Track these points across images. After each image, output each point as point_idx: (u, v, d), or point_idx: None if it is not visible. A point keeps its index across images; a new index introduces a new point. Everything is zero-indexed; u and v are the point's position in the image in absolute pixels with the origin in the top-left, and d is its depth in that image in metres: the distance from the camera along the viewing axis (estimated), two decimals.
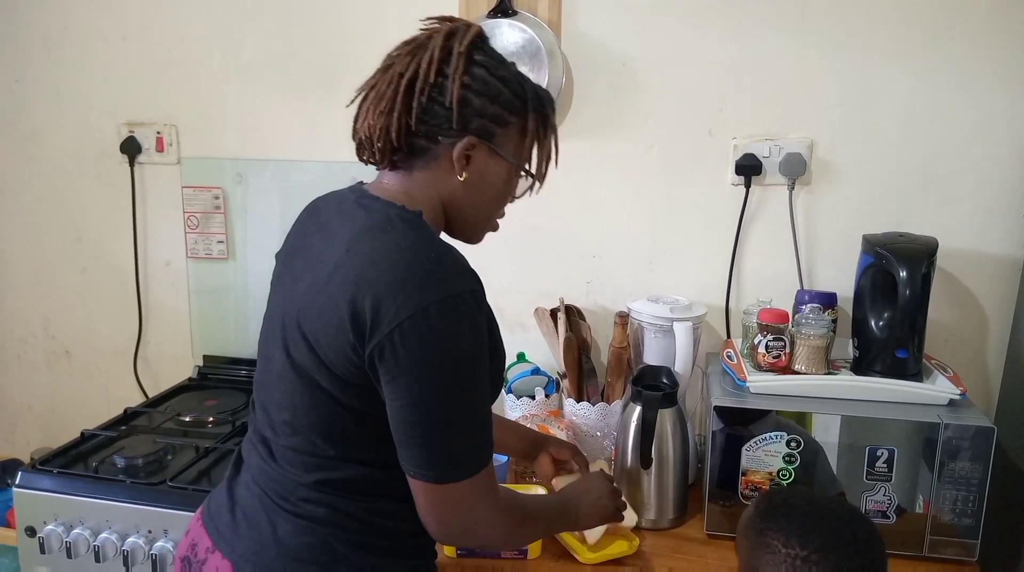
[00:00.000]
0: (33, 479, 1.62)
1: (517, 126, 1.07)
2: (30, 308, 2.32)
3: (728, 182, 1.80)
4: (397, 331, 0.90)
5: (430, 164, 1.04)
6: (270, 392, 1.07)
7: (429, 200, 1.05)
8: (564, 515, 1.24)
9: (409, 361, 0.91)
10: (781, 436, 1.43)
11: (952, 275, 1.72)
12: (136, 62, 2.09)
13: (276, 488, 1.06)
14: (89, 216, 2.22)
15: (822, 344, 1.51)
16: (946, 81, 1.66)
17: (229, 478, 1.16)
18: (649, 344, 1.71)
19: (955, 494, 1.39)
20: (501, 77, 1.04)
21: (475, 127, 1.02)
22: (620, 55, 1.80)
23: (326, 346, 0.96)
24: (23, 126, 2.20)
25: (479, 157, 1.04)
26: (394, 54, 1.05)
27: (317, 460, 1.02)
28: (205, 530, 1.11)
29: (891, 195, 1.73)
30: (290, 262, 1.08)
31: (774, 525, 1.04)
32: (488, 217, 1.14)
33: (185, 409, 1.94)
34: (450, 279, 0.93)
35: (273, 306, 1.10)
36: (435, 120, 1.01)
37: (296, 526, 1.03)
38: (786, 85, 1.73)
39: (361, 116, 1.05)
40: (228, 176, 2.09)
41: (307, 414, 1.02)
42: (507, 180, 1.09)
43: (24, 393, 2.39)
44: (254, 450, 1.11)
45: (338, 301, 0.94)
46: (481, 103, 1.02)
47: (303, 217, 1.16)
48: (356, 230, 1.00)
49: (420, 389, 0.92)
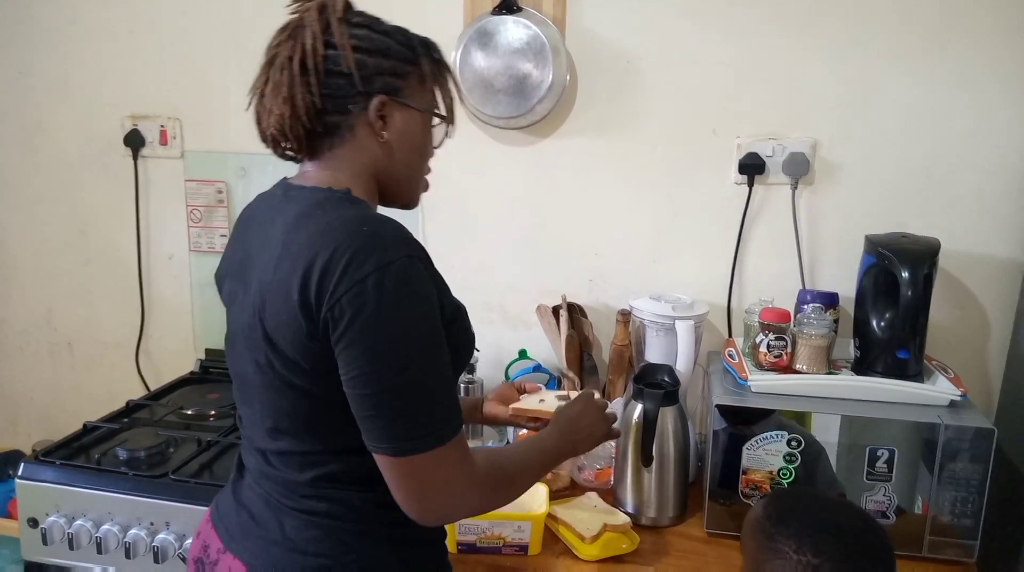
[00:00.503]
0: (36, 470, 1.62)
1: (415, 74, 1.07)
2: (33, 300, 2.32)
3: (731, 181, 1.80)
4: (337, 307, 0.90)
5: (347, 138, 1.04)
6: (251, 404, 1.08)
7: (356, 175, 1.06)
8: (558, 450, 1.20)
9: (352, 332, 0.91)
10: (782, 435, 1.43)
11: (954, 276, 1.72)
12: (141, 55, 2.10)
13: (278, 488, 1.06)
14: (93, 209, 2.23)
15: (823, 344, 1.52)
16: (949, 82, 1.66)
17: (234, 481, 1.17)
18: (651, 342, 1.71)
19: (955, 495, 1.39)
20: (383, 31, 1.05)
21: (379, 86, 1.03)
22: (625, 53, 1.80)
23: (287, 342, 0.96)
24: (28, 118, 2.21)
25: (392, 113, 1.05)
26: (274, 43, 1.05)
27: (309, 458, 1.02)
28: (216, 532, 1.12)
29: (894, 195, 1.73)
30: (239, 274, 1.07)
31: (785, 530, 1.02)
32: (418, 174, 1.15)
33: (187, 402, 1.95)
34: (386, 249, 0.92)
35: (233, 322, 1.09)
36: (339, 91, 1.02)
37: (302, 521, 1.04)
38: (790, 85, 1.73)
39: (264, 114, 1.05)
40: (231, 170, 2.09)
41: (289, 416, 1.02)
42: (424, 129, 1.11)
43: (26, 385, 2.40)
44: (251, 456, 1.12)
45: (285, 294, 0.94)
46: (376, 61, 1.02)
47: (238, 228, 1.15)
48: (288, 222, 1.00)
49: (365, 359, 0.91)
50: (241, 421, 1.14)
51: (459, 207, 1.97)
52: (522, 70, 1.78)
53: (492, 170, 1.93)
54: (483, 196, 1.95)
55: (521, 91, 1.78)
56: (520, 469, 1.10)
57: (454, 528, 1.41)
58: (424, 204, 1.95)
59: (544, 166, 1.90)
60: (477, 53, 1.79)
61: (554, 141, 1.88)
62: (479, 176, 1.94)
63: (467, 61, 1.80)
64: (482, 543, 1.42)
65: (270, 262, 0.98)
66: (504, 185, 1.93)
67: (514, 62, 1.78)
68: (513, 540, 1.42)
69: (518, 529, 1.41)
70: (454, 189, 1.96)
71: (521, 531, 1.41)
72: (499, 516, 1.41)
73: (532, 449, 1.16)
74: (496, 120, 1.84)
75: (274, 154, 1.09)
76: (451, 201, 1.97)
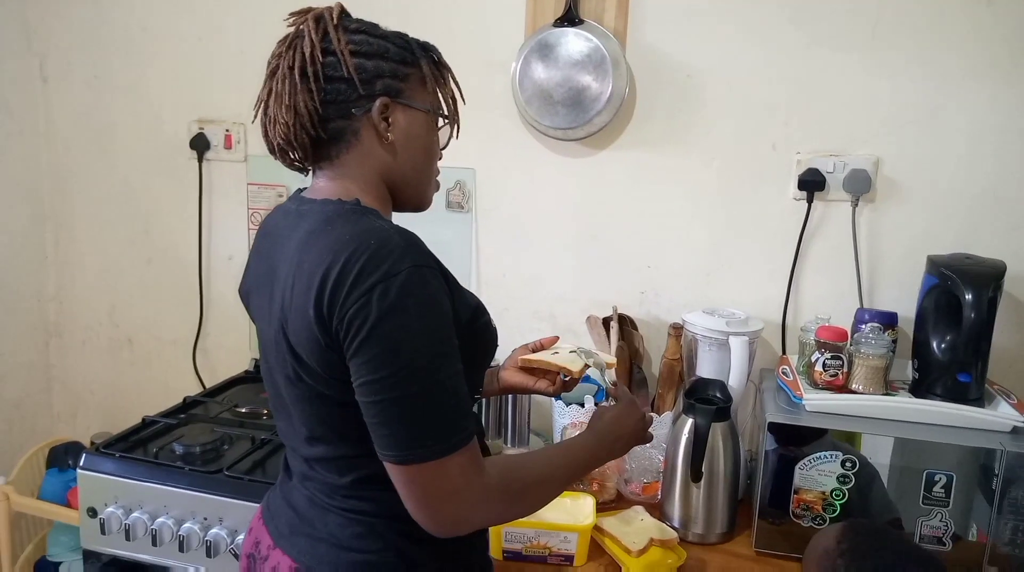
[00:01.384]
0: (96, 462, 1.67)
1: (416, 76, 1.08)
2: (97, 296, 2.40)
3: (790, 197, 1.78)
4: (346, 318, 0.92)
5: (352, 143, 1.06)
6: (287, 415, 1.10)
7: (366, 181, 1.07)
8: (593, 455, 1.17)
9: (358, 342, 0.91)
10: (836, 456, 1.41)
11: (1019, 300, 1.67)
12: (209, 62, 2.16)
13: (321, 489, 1.09)
14: (157, 209, 2.29)
15: (881, 364, 1.49)
16: (1017, 102, 1.62)
17: (282, 481, 1.20)
18: (703, 357, 1.70)
19: (1016, 524, 1.36)
20: (381, 35, 1.07)
21: (380, 88, 1.04)
22: (685, 66, 1.80)
23: (311, 355, 0.97)
24: (100, 120, 2.28)
25: (396, 115, 1.06)
26: (275, 55, 1.07)
27: (348, 462, 1.04)
28: (266, 528, 1.16)
29: (958, 216, 1.69)
30: (264, 289, 1.09)
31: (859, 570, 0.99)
32: (427, 174, 1.15)
33: (241, 400, 1.99)
34: (392, 259, 0.92)
35: (262, 336, 1.11)
36: (341, 96, 1.03)
37: (344, 519, 1.06)
38: (853, 101, 1.71)
39: (270, 126, 1.06)
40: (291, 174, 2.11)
41: (323, 424, 1.04)
42: (429, 130, 1.11)
43: (87, 378, 2.47)
44: (294, 460, 1.15)
45: (302, 311, 0.96)
46: (375, 64, 1.03)
47: (258, 242, 1.16)
48: (301, 239, 1.01)
49: (370, 367, 0.92)
50: (280, 431, 1.16)
51: (513, 216, 1.98)
52: (581, 82, 1.78)
53: (547, 180, 1.94)
54: (537, 206, 1.96)
55: (579, 103, 1.79)
56: (542, 477, 1.07)
57: (500, 535, 1.42)
58: (478, 212, 1.99)
59: (600, 177, 1.90)
60: (537, 64, 1.81)
61: (611, 153, 1.89)
62: (534, 186, 1.95)
63: (527, 72, 1.82)
64: (528, 552, 1.42)
65: (288, 279, 1.00)
66: (559, 195, 1.94)
67: (574, 74, 1.79)
68: (559, 550, 1.42)
69: (564, 540, 1.41)
70: (509, 198, 1.97)
71: (567, 542, 1.41)
72: (545, 526, 1.42)
73: (559, 455, 1.12)
74: (553, 131, 1.85)
75: (283, 165, 1.11)
76: (505, 210, 1.98)
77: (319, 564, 1.05)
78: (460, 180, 1.99)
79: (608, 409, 1.25)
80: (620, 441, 1.22)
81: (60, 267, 2.42)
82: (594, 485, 1.64)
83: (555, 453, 1.14)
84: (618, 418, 1.23)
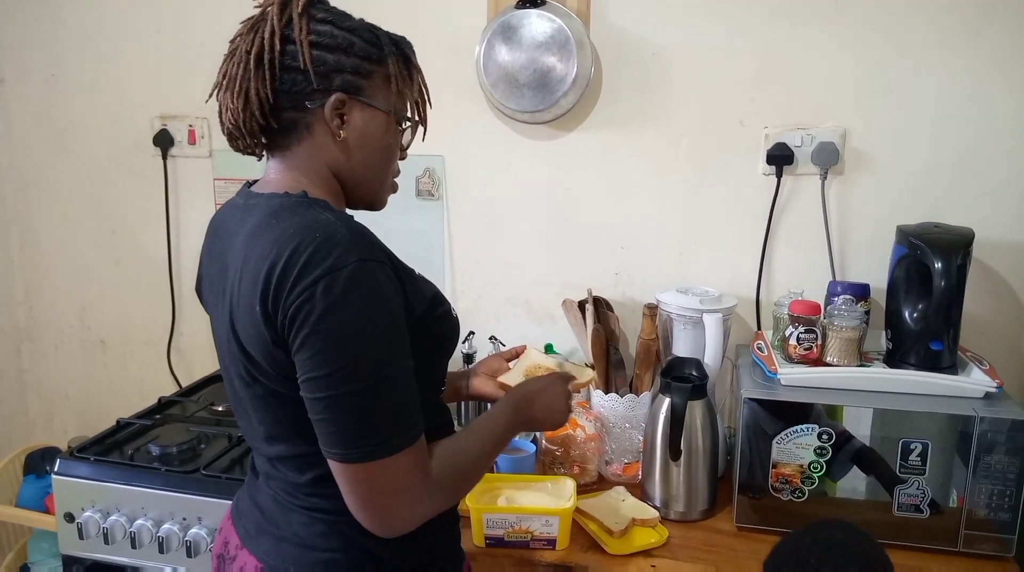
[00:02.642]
0: (71, 466, 1.65)
1: (380, 74, 1.05)
2: (66, 299, 2.36)
3: (759, 172, 1.78)
4: (290, 313, 0.90)
5: (305, 135, 1.03)
6: (246, 414, 1.08)
7: (316, 172, 1.04)
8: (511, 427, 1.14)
9: (301, 337, 0.90)
10: (812, 429, 1.42)
11: (988, 267, 1.69)
12: (169, 55, 2.12)
13: (284, 488, 1.08)
14: (123, 208, 2.26)
15: (855, 336, 1.50)
16: (985, 68, 1.63)
17: (249, 481, 1.19)
18: (678, 336, 1.70)
19: (991, 488, 1.37)
20: (349, 28, 1.02)
21: (338, 84, 1.01)
22: (650, 45, 1.79)
23: (260, 353, 0.96)
24: (59, 119, 2.24)
25: (352, 113, 1.03)
26: (236, 35, 1.04)
27: (307, 460, 1.02)
28: (234, 528, 1.15)
29: (926, 185, 1.70)
30: (215, 287, 1.07)
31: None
32: (380, 176, 1.11)
33: (218, 399, 1.97)
34: (336, 253, 0.90)
35: (216, 335, 1.09)
36: (296, 87, 1.00)
37: (309, 518, 1.05)
38: (819, 73, 1.71)
39: (222, 108, 1.04)
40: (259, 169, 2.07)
41: (279, 423, 1.02)
42: (387, 131, 1.07)
43: (61, 382, 2.44)
44: (258, 459, 1.14)
45: (249, 307, 0.94)
46: (336, 58, 1.00)
47: (208, 239, 1.13)
48: (248, 234, 0.99)
49: (314, 363, 0.90)
50: (242, 430, 1.14)
51: (483, 202, 1.97)
52: (546, 64, 1.77)
53: (517, 164, 1.93)
54: (508, 191, 1.95)
55: (545, 85, 1.78)
56: (477, 460, 1.06)
57: (481, 521, 1.42)
58: (448, 199, 1.98)
59: (569, 160, 1.89)
60: (501, 47, 1.79)
61: (579, 135, 1.88)
62: (504, 170, 1.94)
63: (491, 56, 1.80)
64: (510, 537, 1.42)
65: (235, 276, 0.98)
66: (529, 179, 1.93)
67: (538, 56, 1.77)
68: (541, 534, 1.42)
69: (546, 523, 1.41)
70: (479, 184, 1.96)
71: (549, 525, 1.41)
72: (527, 510, 1.42)
73: (486, 433, 1.10)
74: (520, 114, 1.83)
75: (234, 150, 1.08)
76: (475, 196, 1.97)
77: (284, 564, 1.05)
78: (429, 167, 1.97)
79: (529, 382, 1.24)
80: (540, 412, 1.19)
81: (27, 270, 2.38)
82: (575, 468, 1.64)
83: (481, 431, 1.10)
84: (541, 392, 1.20)
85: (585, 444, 1.64)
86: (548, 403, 1.20)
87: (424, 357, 0.99)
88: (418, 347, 0.97)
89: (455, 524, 1.16)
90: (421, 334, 0.99)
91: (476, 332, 1.93)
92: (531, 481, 1.54)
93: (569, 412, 1.24)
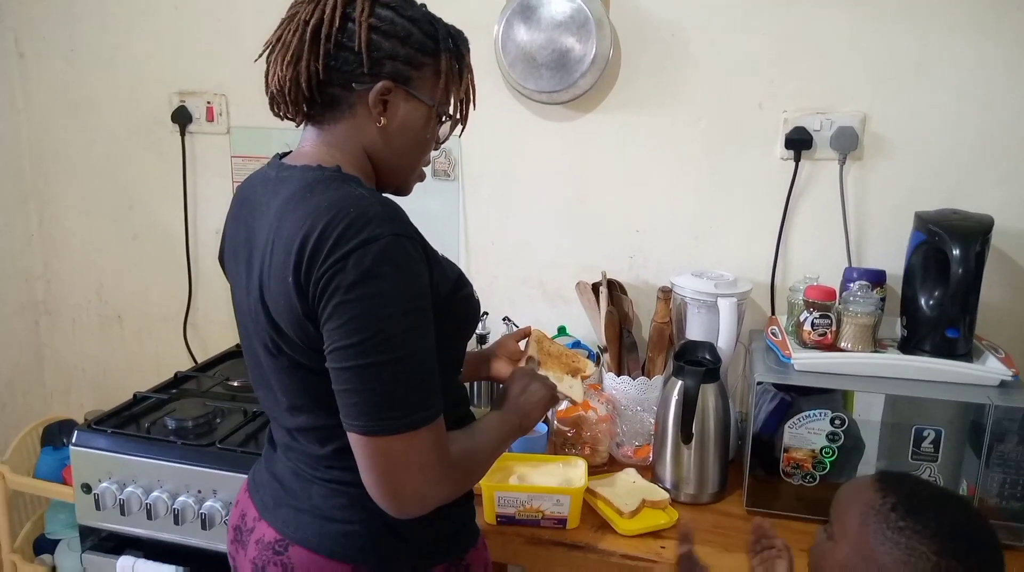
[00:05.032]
0: (89, 438, 1.67)
1: (432, 67, 1.05)
2: (84, 274, 2.38)
3: (777, 156, 1.77)
4: (321, 283, 0.90)
5: (347, 113, 1.03)
6: (267, 385, 1.09)
7: (351, 151, 1.04)
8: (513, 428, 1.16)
9: (331, 307, 0.90)
10: (825, 414, 1.42)
11: (1007, 255, 1.67)
12: (187, 31, 2.12)
13: (304, 460, 1.09)
14: (141, 184, 2.27)
15: (869, 322, 1.49)
16: (1007, 52, 1.61)
17: (266, 453, 1.20)
18: (692, 319, 1.70)
19: (1003, 477, 1.37)
20: (410, 17, 1.02)
21: (388, 71, 1.01)
22: (669, 25, 1.78)
23: (289, 324, 0.96)
24: (78, 95, 2.25)
25: (396, 101, 1.03)
26: (297, 1, 1.03)
27: (328, 432, 1.03)
28: (252, 501, 1.16)
29: (945, 171, 1.68)
30: (241, 257, 1.07)
31: (923, 529, 0.93)
32: (412, 165, 1.12)
33: (233, 374, 1.98)
34: (372, 226, 0.91)
35: (239, 305, 1.10)
36: (346, 66, 1.00)
37: (328, 490, 1.06)
38: (839, 57, 1.69)
39: (270, 69, 1.03)
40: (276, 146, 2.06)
41: (302, 394, 1.03)
42: (426, 124, 1.08)
43: (78, 356, 2.46)
44: (277, 432, 1.15)
45: (281, 277, 0.94)
46: (392, 45, 1.00)
47: (235, 208, 1.13)
48: (280, 206, 0.99)
49: (342, 332, 0.91)
50: (262, 401, 1.15)
51: (499, 182, 1.97)
52: (565, 44, 1.76)
53: (533, 145, 1.92)
54: (524, 171, 1.95)
55: (564, 65, 1.77)
56: (489, 452, 1.09)
57: (493, 500, 1.43)
58: (464, 179, 1.98)
59: (586, 141, 1.89)
60: (520, 27, 1.78)
61: (596, 116, 1.87)
62: (520, 151, 1.94)
63: (509, 35, 1.79)
64: (521, 516, 1.43)
65: (267, 246, 0.98)
66: (545, 160, 1.93)
67: (557, 36, 1.76)
68: (552, 514, 1.43)
69: (557, 503, 1.42)
70: (494, 164, 1.96)
71: (560, 505, 1.42)
72: (538, 489, 1.43)
73: (491, 431, 1.12)
74: (538, 95, 1.83)
75: (272, 114, 1.07)
76: (491, 176, 1.97)
77: (303, 535, 1.06)
78: (446, 147, 1.97)
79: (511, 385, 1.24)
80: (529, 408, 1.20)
81: (46, 245, 2.40)
82: (586, 449, 1.65)
83: (492, 427, 1.13)
84: (523, 391, 1.22)
85: (597, 425, 1.65)
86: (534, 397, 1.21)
87: (445, 338, 1.00)
88: (440, 328, 0.98)
89: (470, 500, 1.17)
90: (444, 315, 0.99)
91: (490, 313, 1.94)
92: (543, 461, 1.55)
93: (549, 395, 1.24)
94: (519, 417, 1.18)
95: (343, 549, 1.05)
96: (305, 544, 1.06)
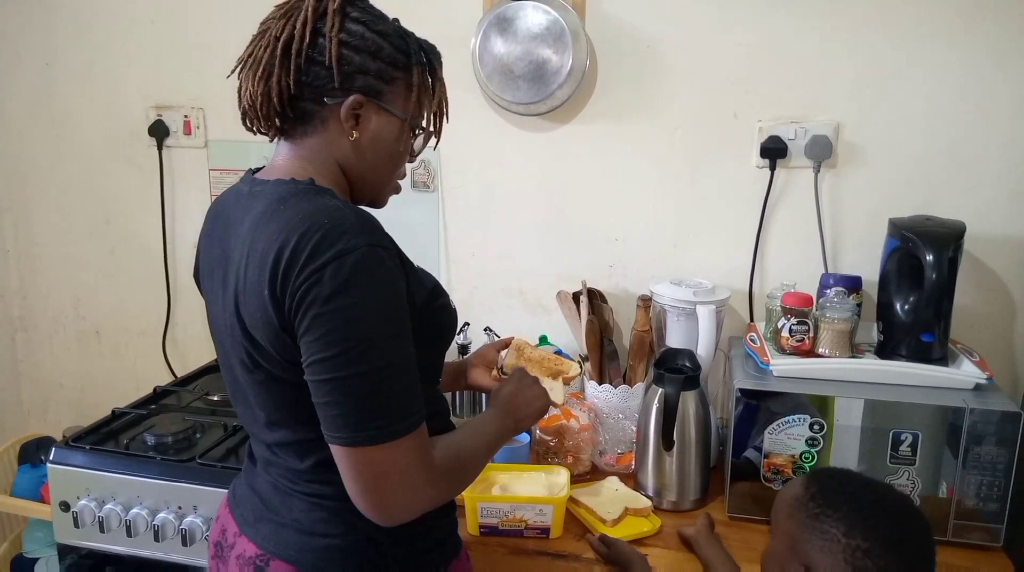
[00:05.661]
0: (66, 455, 1.65)
1: (403, 81, 1.05)
2: (61, 289, 2.36)
3: (753, 165, 1.79)
4: (297, 295, 0.90)
5: (319, 128, 1.03)
6: (245, 400, 1.09)
7: (325, 164, 1.05)
8: (502, 433, 1.16)
9: (308, 319, 0.90)
10: (804, 419, 1.43)
11: (979, 259, 1.70)
12: (164, 45, 2.11)
13: (284, 474, 1.08)
14: (118, 198, 2.25)
15: (846, 328, 1.51)
16: (979, 61, 1.64)
17: (246, 468, 1.19)
18: (672, 327, 1.71)
19: (980, 479, 1.39)
20: (380, 32, 1.03)
21: (360, 85, 1.01)
22: (645, 37, 1.80)
23: (265, 338, 0.96)
24: (53, 109, 2.24)
25: (368, 115, 1.04)
26: (268, 18, 1.04)
27: (307, 446, 1.03)
28: (232, 516, 1.15)
29: (918, 178, 1.71)
30: (216, 273, 1.07)
31: (834, 512, 0.98)
32: (386, 178, 1.12)
33: (213, 388, 1.97)
34: (347, 237, 0.91)
35: (215, 321, 1.10)
36: (317, 81, 1.00)
37: (308, 504, 1.06)
38: (813, 66, 1.72)
39: (243, 85, 1.04)
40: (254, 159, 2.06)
41: (280, 408, 1.03)
42: (399, 137, 1.08)
43: (56, 372, 2.44)
44: (257, 447, 1.14)
45: (257, 291, 0.94)
46: (362, 60, 1.01)
47: (209, 225, 1.13)
48: (254, 220, 0.99)
49: (320, 345, 0.90)
50: (240, 417, 1.15)
51: (478, 193, 1.97)
52: (541, 56, 1.77)
53: (512, 156, 1.93)
54: (502, 182, 1.95)
55: (541, 77, 1.78)
56: (475, 457, 1.08)
57: (476, 510, 1.43)
58: (443, 190, 1.98)
59: (564, 152, 1.90)
60: (496, 39, 1.79)
61: (574, 127, 1.88)
62: (498, 162, 1.94)
63: (487, 47, 1.80)
64: (504, 526, 1.43)
65: (242, 261, 0.98)
66: (524, 171, 1.94)
67: (533, 48, 1.77)
68: (535, 523, 1.43)
69: (540, 513, 1.42)
70: (473, 175, 1.96)
71: (543, 514, 1.42)
72: (521, 499, 1.43)
73: (480, 434, 1.11)
74: (516, 106, 1.84)
75: (246, 130, 1.08)
76: (470, 187, 1.97)
77: (285, 550, 1.05)
78: (424, 159, 1.97)
79: (503, 386, 1.24)
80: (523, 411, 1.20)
81: (21, 260, 2.37)
82: (568, 458, 1.65)
83: (479, 431, 1.12)
84: (517, 392, 1.22)
85: (579, 434, 1.65)
86: (526, 400, 1.21)
87: (423, 348, 1.00)
88: (417, 337, 0.98)
89: (452, 512, 1.17)
90: (421, 324, 0.99)
91: (471, 323, 1.94)
92: (525, 470, 1.55)
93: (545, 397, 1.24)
94: (513, 417, 1.18)
95: (325, 563, 1.04)
96: (286, 559, 1.05)
